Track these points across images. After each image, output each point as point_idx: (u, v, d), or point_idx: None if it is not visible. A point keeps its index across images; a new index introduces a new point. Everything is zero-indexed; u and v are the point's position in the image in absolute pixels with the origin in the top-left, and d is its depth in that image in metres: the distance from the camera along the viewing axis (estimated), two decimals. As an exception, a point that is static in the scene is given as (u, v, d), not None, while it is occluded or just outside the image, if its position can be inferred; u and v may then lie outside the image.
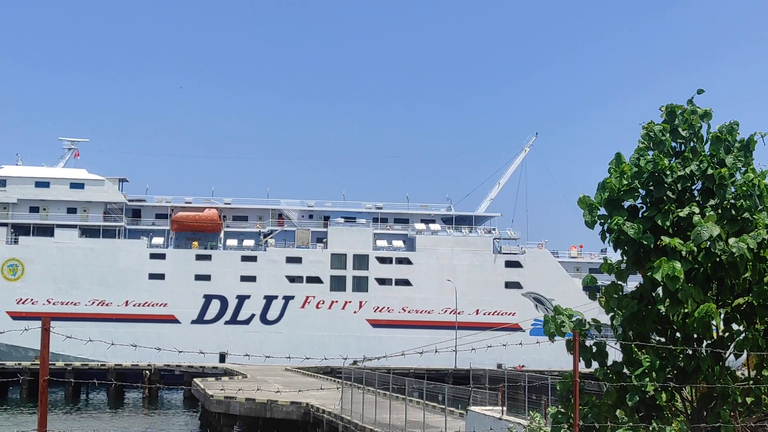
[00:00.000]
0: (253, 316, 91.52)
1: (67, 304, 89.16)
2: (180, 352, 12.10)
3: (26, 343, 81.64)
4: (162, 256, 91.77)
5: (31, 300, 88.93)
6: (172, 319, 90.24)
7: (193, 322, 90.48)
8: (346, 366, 52.71)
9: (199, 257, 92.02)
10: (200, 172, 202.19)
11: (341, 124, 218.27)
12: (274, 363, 75.17)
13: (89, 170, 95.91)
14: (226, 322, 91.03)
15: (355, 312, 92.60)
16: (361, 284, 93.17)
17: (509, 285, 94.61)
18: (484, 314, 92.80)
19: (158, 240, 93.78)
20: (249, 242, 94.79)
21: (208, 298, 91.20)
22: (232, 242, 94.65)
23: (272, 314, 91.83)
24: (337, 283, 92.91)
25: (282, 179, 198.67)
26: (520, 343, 20.94)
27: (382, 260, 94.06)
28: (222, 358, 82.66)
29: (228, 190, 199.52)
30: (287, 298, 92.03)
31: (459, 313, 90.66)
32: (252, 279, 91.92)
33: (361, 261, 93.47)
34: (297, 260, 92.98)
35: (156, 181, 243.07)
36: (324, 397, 43.09)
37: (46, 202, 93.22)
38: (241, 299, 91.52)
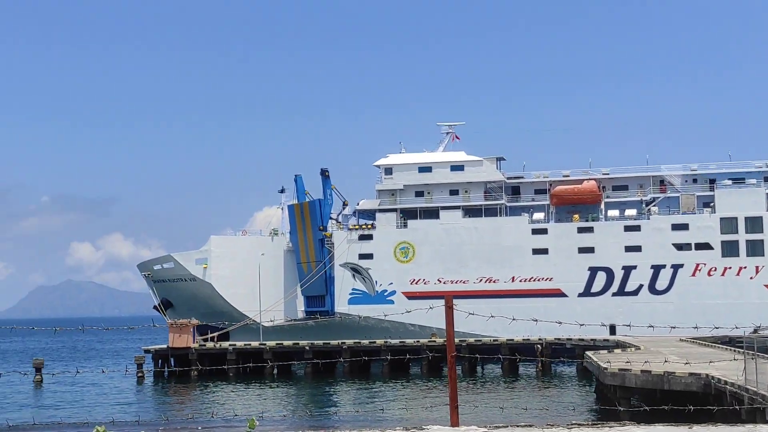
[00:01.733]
0: (641, 286, 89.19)
1: (456, 282, 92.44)
2: (581, 325, 11.63)
3: (420, 321, 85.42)
4: (544, 231, 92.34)
5: (423, 280, 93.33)
6: (558, 293, 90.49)
7: (579, 295, 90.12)
8: (747, 335, 49.60)
9: (581, 230, 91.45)
10: (576, 144, 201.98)
11: (720, 80, 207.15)
12: (666, 334, 72.63)
13: (467, 152, 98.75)
14: (614, 294, 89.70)
15: (751, 278, 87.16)
16: (755, 248, 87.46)
17: None
18: None
19: (538, 215, 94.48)
20: (631, 212, 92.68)
21: (593, 270, 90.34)
22: (613, 213, 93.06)
23: (661, 284, 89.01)
24: (729, 249, 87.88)
25: (662, 144, 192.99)
26: None
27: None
28: (612, 330, 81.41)
29: (606, 160, 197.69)
30: (676, 267, 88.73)
31: None
32: (637, 249, 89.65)
33: (754, 224, 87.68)
34: (683, 227, 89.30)
35: (532, 157, 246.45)
36: (724, 368, 40.73)
37: (429, 186, 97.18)
38: (627, 270, 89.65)
